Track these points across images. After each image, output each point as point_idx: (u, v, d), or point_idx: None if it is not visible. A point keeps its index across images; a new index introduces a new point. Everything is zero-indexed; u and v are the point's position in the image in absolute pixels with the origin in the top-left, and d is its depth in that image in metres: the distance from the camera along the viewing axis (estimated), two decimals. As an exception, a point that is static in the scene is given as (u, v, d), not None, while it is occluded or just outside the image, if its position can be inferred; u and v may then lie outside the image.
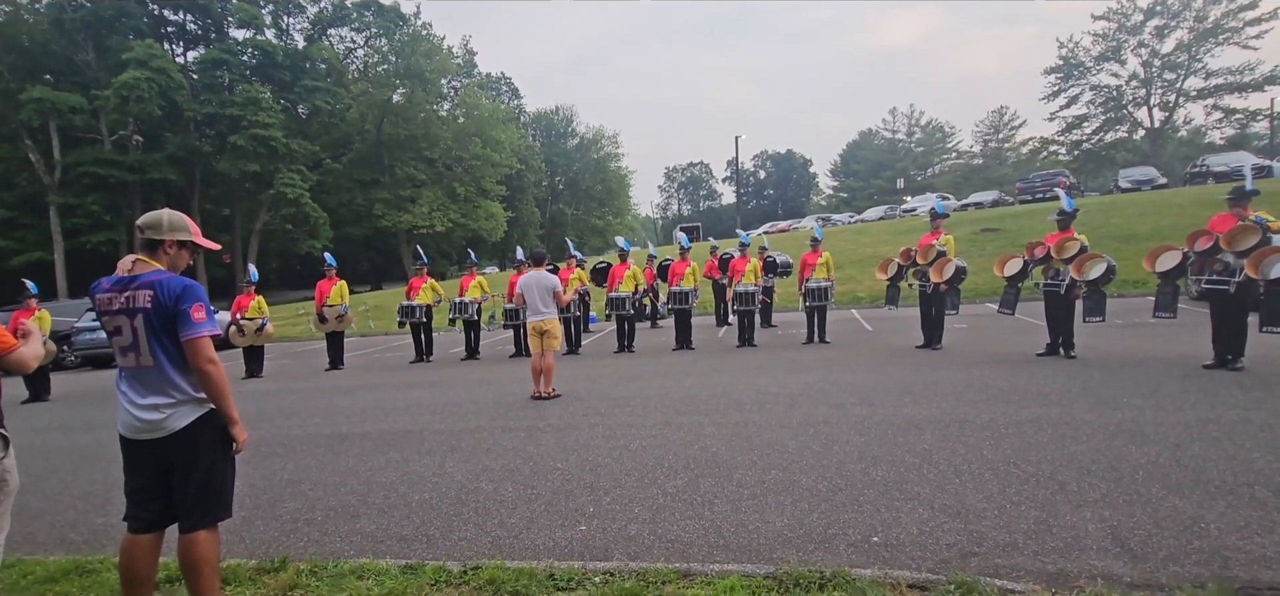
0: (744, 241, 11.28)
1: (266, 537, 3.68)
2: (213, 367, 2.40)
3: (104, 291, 2.43)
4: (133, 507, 2.47)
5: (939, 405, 5.57)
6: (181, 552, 2.45)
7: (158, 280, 2.40)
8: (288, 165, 35.90)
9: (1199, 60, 43.32)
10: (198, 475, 2.44)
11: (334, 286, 11.28)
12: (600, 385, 7.71)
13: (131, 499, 2.47)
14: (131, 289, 2.39)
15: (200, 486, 2.45)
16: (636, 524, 3.49)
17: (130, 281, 2.41)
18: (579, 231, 57.86)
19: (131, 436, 2.43)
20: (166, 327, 2.38)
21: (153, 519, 2.47)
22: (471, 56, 51.44)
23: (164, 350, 2.39)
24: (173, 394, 2.41)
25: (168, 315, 2.37)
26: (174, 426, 2.40)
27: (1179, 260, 6.67)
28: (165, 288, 2.39)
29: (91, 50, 33.63)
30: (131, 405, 2.41)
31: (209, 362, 2.40)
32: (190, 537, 2.43)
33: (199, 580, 2.44)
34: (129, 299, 2.38)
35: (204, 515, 2.46)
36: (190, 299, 2.39)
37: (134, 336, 2.38)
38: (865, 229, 28.79)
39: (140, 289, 2.38)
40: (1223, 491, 3.37)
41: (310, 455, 5.38)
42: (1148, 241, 16.83)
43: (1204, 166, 29.01)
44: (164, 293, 2.38)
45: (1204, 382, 5.76)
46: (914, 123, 70.12)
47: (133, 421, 2.40)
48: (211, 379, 2.41)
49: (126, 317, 2.38)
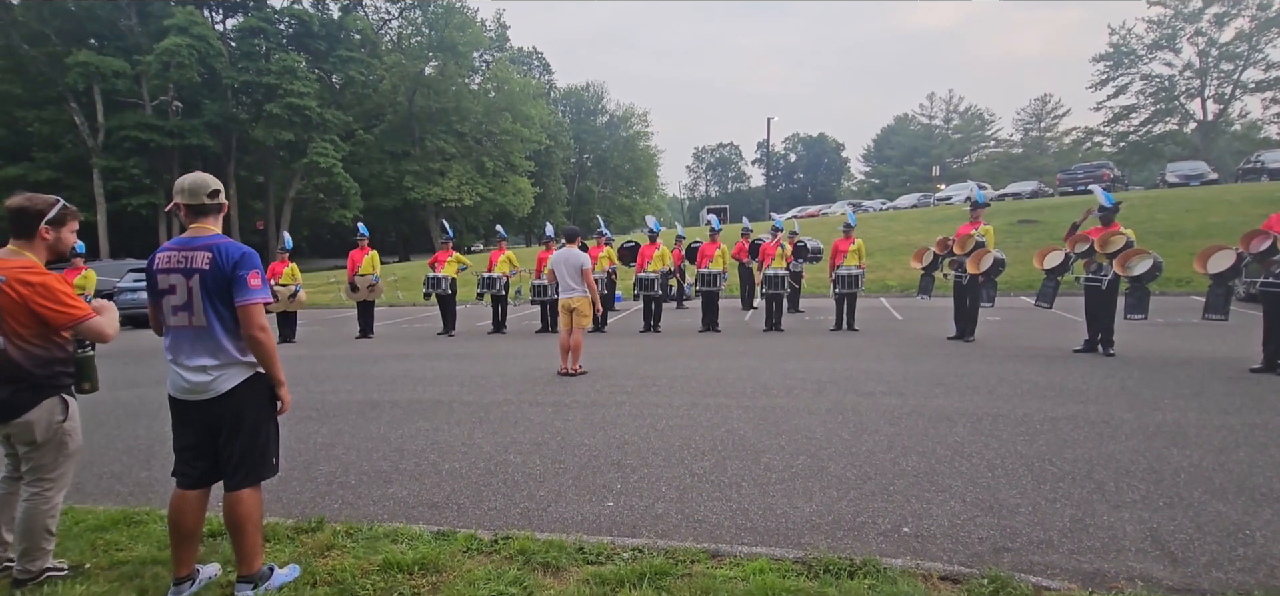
0: (777, 225, 11.15)
1: (302, 498, 3.79)
2: (263, 335, 2.46)
3: (165, 251, 2.49)
4: (180, 464, 2.55)
5: (971, 398, 5.48)
6: (227, 510, 2.53)
7: (217, 243, 2.46)
8: (321, 135, 36.46)
9: (1260, 50, 41.34)
10: (244, 435, 2.51)
11: (366, 256, 11.46)
12: (627, 363, 7.74)
13: (179, 456, 2.55)
14: (191, 249, 2.45)
15: (246, 446, 2.52)
16: (664, 502, 3.51)
17: (189, 242, 2.47)
18: (606, 210, 57.84)
19: (180, 397, 2.50)
20: (222, 291, 2.43)
21: (200, 475, 2.55)
22: (504, 30, 51.51)
23: (216, 313, 2.44)
24: (221, 355, 2.46)
25: (224, 279, 2.43)
26: (221, 388, 2.46)
27: (1233, 261, 6.40)
28: (225, 252, 2.44)
29: (134, 15, 34.36)
30: (180, 366, 2.48)
31: (260, 329, 2.45)
32: (235, 496, 2.51)
33: (242, 536, 2.52)
34: (187, 258, 2.44)
35: (249, 474, 2.54)
36: (248, 265, 2.45)
37: (189, 296, 2.43)
38: (897, 216, 28.26)
39: (199, 250, 2.44)
40: (1270, 499, 3.26)
41: (343, 420, 5.51)
42: (1195, 239, 16.24)
43: (1259, 162, 27.78)
44: (223, 256, 2.43)
45: (1251, 386, 5.57)
46: (952, 108, 68.36)
47: (181, 382, 2.47)
48: (262, 345, 2.46)
49: (182, 277, 2.44)
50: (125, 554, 2.99)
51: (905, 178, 62.48)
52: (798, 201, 66.84)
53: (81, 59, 30.27)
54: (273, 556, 2.87)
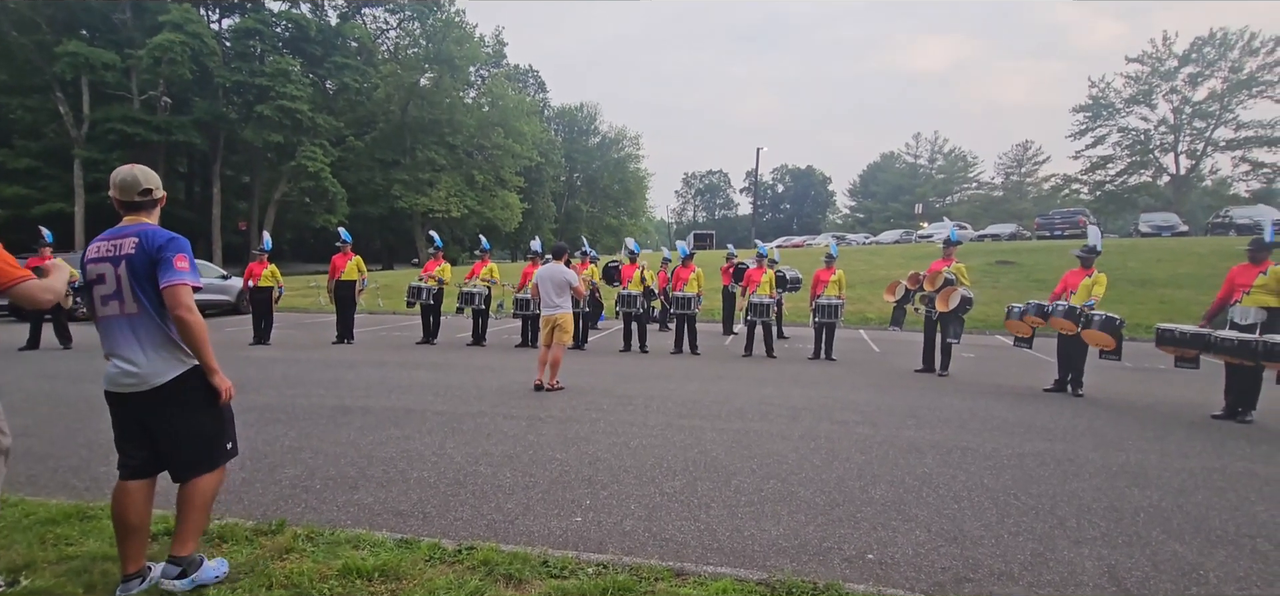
0: (762, 252, 11.26)
1: (265, 500, 3.72)
2: (190, 315, 2.40)
3: (96, 241, 2.48)
4: (121, 454, 2.51)
5: (942, 431, 5.54)
6: (180, 490, 2.53)
7: (145, 229, 2.46)
8: (311, 139, 36.25)
9: (1231, 111, 42.83)
10: (185, 429, 2.48)
11: (349, 261, 11.37)
12: (604, 382, 7.73)
13: (119, 448, 2.52)
14: (120, 237, 2.44)
15: (190, 440, 2.49)
16: (632, 520, 3.50)
17: (119, 231, 2.46)
18: (593, 229, 58.02)
19: (115, 390, 2.45)
20: (149, 274, 2.41)
21: (140, 465, 2.50)
22: (502, 47, 51.79)
23: (147, 297, 2.42)
24: (155, 345, 2.43)
25: (150, 261, 2.40)
26: (156, 381, 2.42)
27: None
28: (151, 235, 2.43)
29: (129, 9, 34.10)
30: (114, 358, 2.43)
31: (186, 310, 2.39)
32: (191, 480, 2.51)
33: (188, 514, 2.52)
34: (116, 246, 2.42)
35: (199, 465, 2.51)
36: (174, 248, 2.43)
37: (117, 284, 2.41)
38: (879, 251, 28.65)
39: (127, 237, 2.43)
40: (1224, 540, 3.33)
41: (312, 424, 5.43)
42: (1165, 288, 16.66)
43: (1227, 217, 28.77)
44: (148, 239, 2.42)
45: (1212, 432, 5.70)
46: (937, 149, 69.77)
47: (115, 372, 2.43)
48: (189, 326, 2.40)
49: (111, 265, 2.41)
50: (75, 549, 2.92)
51: (889, 214, 63.44)
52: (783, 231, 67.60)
53: (71, 49, 29.91)
54: (229, 557, 2.82)
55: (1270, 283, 5.93)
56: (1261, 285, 5.97)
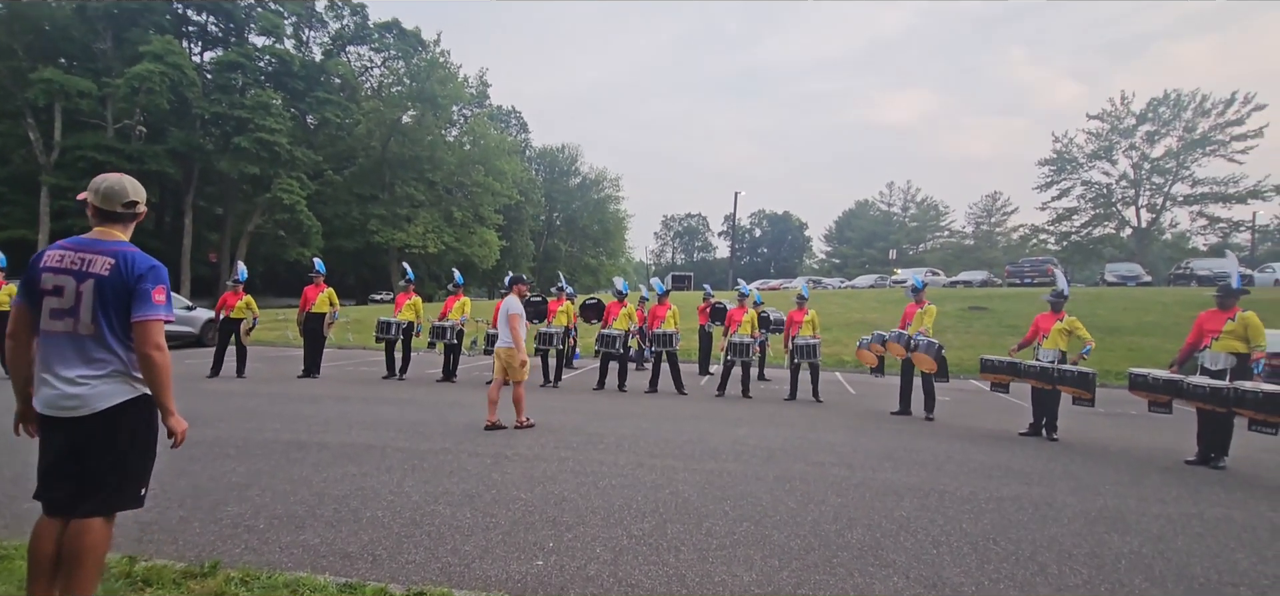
0: (744, 292, 11.22)
1: (201, 541, 3.45)
2: (160, 355, 2.24)
3: (57, 249, 2.28)
4: (44, 487, 2.27)
5: (919, 474, 5.43)
6: (70, 538, 2.21)
7: (122, 250, 2.28)
8: (288, 171, 35.93)
9: (1187, 168, 44.70)
10: (113, 458, 2.26)
11: (320, 293, 11.06)
12: (576, 420, 7.51)
13: (43, 478, 2.28)
14: (90, 252, 2.25)
15: (113, 469, 2.27)
16: (597, 564, 3.30)
17: (90, 245, 2.27)
18: (571, 268, 57.95)
19: (48, 413, 2.24)
20: (120, 301, 2.24)
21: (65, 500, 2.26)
22: (485, 87, 52.28)
23: (107, 322, 2.23)
24: (104, 367, 2.24)
25: (125, 289, 2.23)
26: (98, 405, 2.22)
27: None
28: (130, 260, 2.26)
29: (110, 39, 33.85)
30: (52, 377, 2.22)
31: (156, 348, 2.24)
32: (83, 524, 2.23)
33: (79, 570, 2.20)
34: (84, 261, 2.24)
35: (107, 501, 2.27)
36: (155, 279, 2.27)
37: (76, 300, 2.21)
38: (855, 295, 28.95)
39: (100, 254, 2.25)
40: (1208, 589, 3.23)
41: (264, 460, 5.14)
42: (1133, 335, 16.99)
43: (1188, 268, 29.83)
44: (127, 264, 2.25)
45: (1186, 477, 5.67)
46: (909, 198, 71.54)
47: (54, 394, 2.22)
48: (156, 366, 2.24)
49: (73, 279, 2.22)
50: (-23, 592, 2.64)
51: (864, 259, 64.50)
52: (761, 274, 68.20)
53: (46, 76, 29.50)
54: (149, 602, 2.56)
55: (1238, 328, 6.00)
56: (1230, 331, 6.03)
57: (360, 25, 44.47)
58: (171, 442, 2.38)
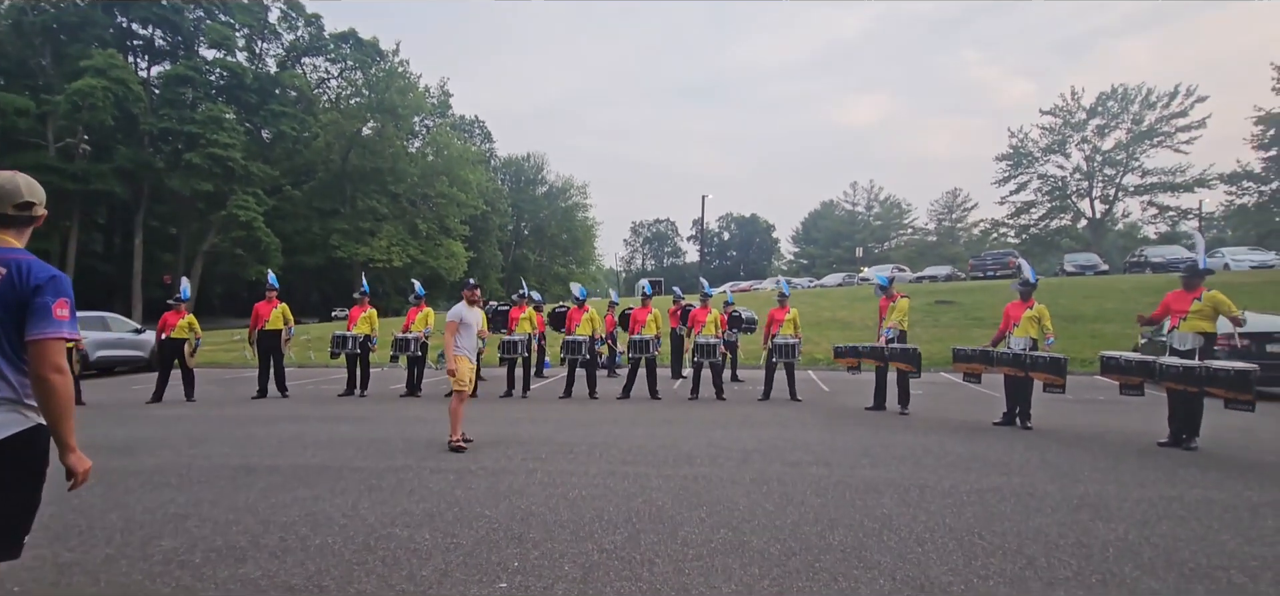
0: (708, 292, 11.05)
1: (130, 579, 3.12)
2: (60, 378, 1.93)
3: None
4: None
5: (898, 469, 5.31)
6: None
7: (17, 258, 1.96)
8: (244, 187, 34.75)
9: (1136, 159, 46.35)
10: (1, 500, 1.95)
11: (274, 309, 10.55)
12: (544, 430, 7.24)
13: None
14: None
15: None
16: (565, 583, 3.06)
17: None
18: (541, 278, 57.33)
19: None
20: (12, 315, 1.92)
21: None
22: (447, 97, 51.44)
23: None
24: None
25: (18, 302, 1.92)
26: None
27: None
28: (26, 269, 1.94)
29: (49, 55, 32.38)
30: None
31: (56, 372, 1.92)
32: None
33: None
34: None
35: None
36: (56, 291, 1.96)
37: None
38: (824, 293, 29.20)
39: None
40: (1199, 574, 3.13)
41: (207, 487, 4.76)
42: (1094, 322, 17.37)
43: (1143, 257, 30.92)
44: (22, 274, 1.93)
45: (1162, 460, 5.66)
46: (873, 197, 72.68)
47: None
48: (55, 391, 1.92)
49: None
50: None
51: (831, 259, 65.26)
52: (731, 277, 68.46)
53: (-24, 93, 28.08)
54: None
55: (1205, 308, 6.04)
56: (1197, 310, 6.07)
57: (315, 36, 43.41)
58: (70, 484, 2.07)
